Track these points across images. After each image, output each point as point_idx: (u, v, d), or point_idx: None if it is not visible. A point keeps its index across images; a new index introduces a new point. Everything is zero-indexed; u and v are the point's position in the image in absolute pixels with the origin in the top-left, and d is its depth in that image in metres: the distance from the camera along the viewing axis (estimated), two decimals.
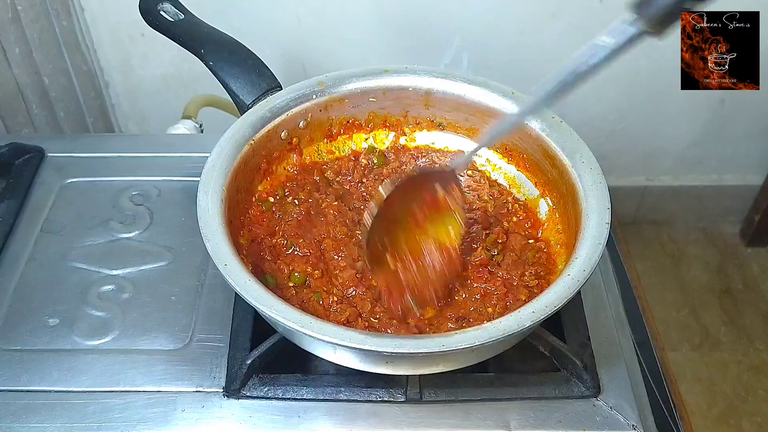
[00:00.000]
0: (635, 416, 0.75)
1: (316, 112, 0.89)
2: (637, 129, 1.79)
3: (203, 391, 0.77)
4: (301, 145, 0.90)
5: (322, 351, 0.72)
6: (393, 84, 0.90)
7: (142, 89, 1.62)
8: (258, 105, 0.85)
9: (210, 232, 0.71)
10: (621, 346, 0.83)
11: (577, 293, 0.67)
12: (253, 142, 0.83)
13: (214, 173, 0.77)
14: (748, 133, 1.82)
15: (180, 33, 0.90)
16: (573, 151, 0.80)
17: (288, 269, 0.79)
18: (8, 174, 1.00)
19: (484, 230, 0.83)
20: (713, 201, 2.00)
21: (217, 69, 0.87)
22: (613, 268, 0.95)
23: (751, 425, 1.65)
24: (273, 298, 0.67)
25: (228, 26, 0.92)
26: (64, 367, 0.79)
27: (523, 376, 0.78)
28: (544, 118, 0.84)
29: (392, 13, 1.49)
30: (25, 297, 0.86)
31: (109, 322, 0.83)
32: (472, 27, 1.51)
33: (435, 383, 0.76)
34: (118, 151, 1.05)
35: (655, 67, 1.59)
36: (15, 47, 1.36)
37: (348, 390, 0.76)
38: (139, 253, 0.91)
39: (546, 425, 0.74)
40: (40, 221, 0.94)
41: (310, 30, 1.52)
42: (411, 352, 0.63)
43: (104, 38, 1.52)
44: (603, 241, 0.71)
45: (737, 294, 1.92)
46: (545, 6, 1.50)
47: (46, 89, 1.46)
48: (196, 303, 0.85)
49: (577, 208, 0.76)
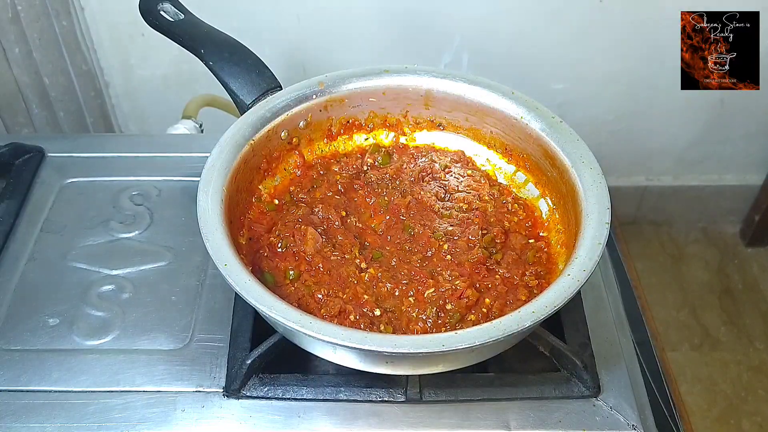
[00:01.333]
0: (635, 416, 0.75)
1: (316, 112, 0.89)
2: (637, 129, 1.79)
3: (203, 391, 0.77)
4: (301, 145, 0.90)
5: (322, 351, 0.72)
6: (393, 84, 0.90)
7: (142, 89, 1.62)
8: (258, 105, 0.85)
9: (210, 232, 0.71)
10: (621, 346, 0.83)
11: (577, 293, 0.67)
12: (253, 142, 0.83)
13: (214, 173, 0.77)
14: (748, 133, 1.82)
15: (180, 33, 0.90)
16: (573, 151, 0.80)
17: (283, 265, 0.79)
18: (8, 174, 1.00)
19: (481, 230, 0.83)
20: (713, 201, 2.00)
21: (217, 69, 0.87)
22: (613, 268, 0.95)
23: (751, 425, 1.65)
24: (273, 298, 0.67)
25: (228, 26, 0.92)
26: (64, 367, 0.79)
27: (523, 376, 0.78)
28: (544, 118, 0.84)
29: (392, 13, 1.50)
30: (25, 297, 0.86)
31: (109, 322, 0.83)
32: (472, 27, 1.52)
33: (435, 383, 0.76)
34: (118, 151, 1.05)
35: (655, 67, 1.59)
36: (15, 47, 1.37)
37: (348, 390, 0.76)
38: (139, 253, 0.91)
39: (546, 425, 0.74)
40: (40, 221, 0.94)
41: (310, 30, 1.52)
42: (411, 352, 0.63)
43: (104, 38, 1.52)
44: (603, 241, 0.71)
45: (737, 294, 1.92)
46: (545, 6, 1.50)
47: (46, 89, 1.46)
48: (196, 303, 0.85)
49: (577, 208, 0.76)
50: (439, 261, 0.81)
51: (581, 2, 1.50)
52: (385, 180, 0.91)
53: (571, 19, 1.52)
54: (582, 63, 1.61)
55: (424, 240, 0.83)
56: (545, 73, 1.63)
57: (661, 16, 1.49)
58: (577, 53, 1.59)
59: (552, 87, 1.65)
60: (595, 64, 1.61)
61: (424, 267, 0.80)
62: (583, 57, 1.60)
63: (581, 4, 1.50)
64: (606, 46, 1.57)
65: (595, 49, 1.58)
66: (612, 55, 1.59)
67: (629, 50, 1.57)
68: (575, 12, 1.51)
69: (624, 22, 1.52)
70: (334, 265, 0.79)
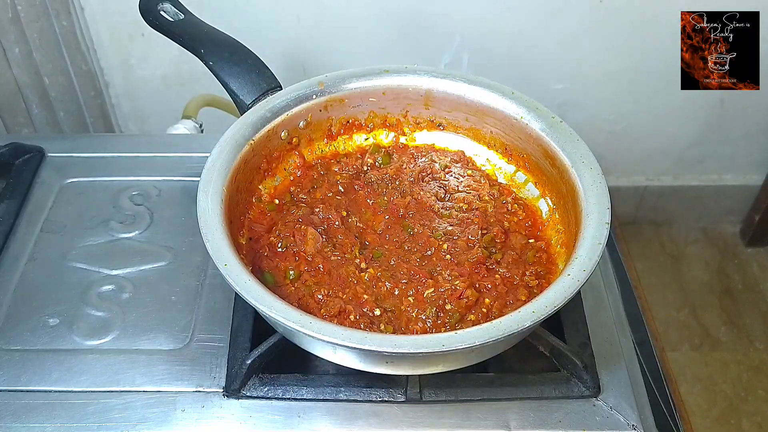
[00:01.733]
0: (635, 416, 0.75)
1: (316, 112, 0.89)
2: (637, 129, 1.79)
3: (203, 391, 0.77)
4: (301, 145, 0.90)
5: (322, 351, 0.72)
6: (393, 84, 0.90)
7: (142, 89, 1.62)
8: (258, 105, 0.85)
9: (210, 232, 0.71)
10: (621, 346, 0.83)
11: (577, 293, 0.67)
12: (253, 142, 0.83)
13: (214, 173, 0.77)
14: (748, 133, 1.82)
15: (180, 33, 0.90)
16: (573, 151, 0.80)
17: (284, 265, 0.79)
18: (8, 174, 1.00)
19: (481, 229, 0.83)
20: (713, 201, 2.00)
21: (217, 69, 0.87)
22: (613, 268, 0.95)
23: (751, 425, 1.65)
24: (273, 298, 0.67)
25: (228, 26, 0.92)
26: (64, 367, 0.79)
27: (523, 376, 0.78)
28: (545, 118, 0.84)
29: (392, 13, 1.50)
30: (25, 297, 0.86)
31: (109, 322, 0.83)
32: (472, 27, 1.52)
33: (435, 383, 0.76)
34: (118, 151, 1.05)
35: (655, 67, 1.59)
36: (15, 47, 1.37)
37: (348, 390, 0.76)
38: (139, 253, 0.91)
39: (546, 425, 0.74)
40: (40, 221, 0.94)
41: (310, 30, 1.52)
42: (411, 352, 0.63)
43: (104, 38, 1.52)
44: (603, 241, 0.71)
45: (737, 294, 1.92)
46: (545, 6, 1.50)
47: (46, 89, 1.46)
48: (196, 303, 0.85)
49: (577, 208, 0.76)
50: (438, 261, 0.81)
51: (581, 2, 1.50)
52: (385, 180, 0.91)
53: (571, 19, 1.52)
54: (582, 63, 1.61)
55: (424, 240, 0.83)
56: (545, 73, 1.63)
57: (661, 16, 1.49)
58: (577, 53, 1.59)
59: (552, 87, 1.65)
60: (595, 64, 1.61)
61: (424, 267, 0.80)
62: (583, 57, 1.60)
63: (581, 4, 1.50)
64: (606, 46, 1.57)
65: (595, 49, 1.58)
66: (612, 55, 1.59)
67: (629, 50, 1.57)
68: (575, 12, 1.51)
69: (624, 22, 1.52)
70: (334, 266, 0.79)
